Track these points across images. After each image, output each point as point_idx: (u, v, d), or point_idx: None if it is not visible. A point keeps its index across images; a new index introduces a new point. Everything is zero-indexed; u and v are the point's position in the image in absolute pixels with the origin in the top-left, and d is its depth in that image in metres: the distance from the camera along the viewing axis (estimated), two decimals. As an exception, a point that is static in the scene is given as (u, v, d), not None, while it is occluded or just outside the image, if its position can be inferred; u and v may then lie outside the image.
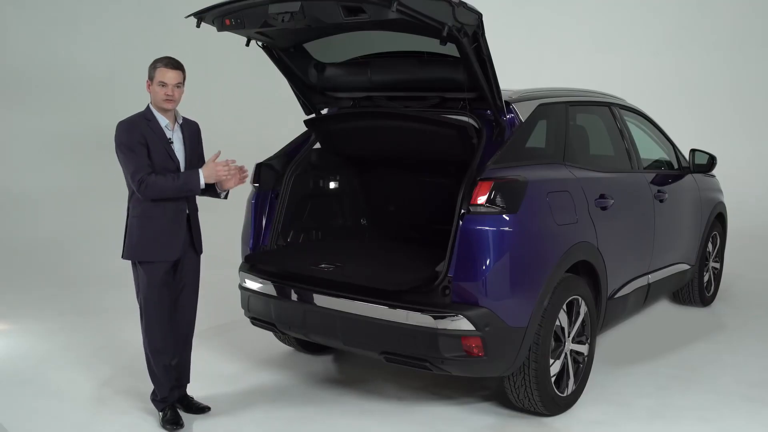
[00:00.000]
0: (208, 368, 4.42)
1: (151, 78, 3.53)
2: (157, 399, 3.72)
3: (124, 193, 3.64)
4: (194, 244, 3.71)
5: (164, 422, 3.67)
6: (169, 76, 3.49)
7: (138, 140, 3.46)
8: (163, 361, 3.66)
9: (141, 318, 3.67)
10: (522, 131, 3.85)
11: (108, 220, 7.77)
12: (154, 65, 3.53)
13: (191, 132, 3.70)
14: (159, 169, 3.49)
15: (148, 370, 3.71)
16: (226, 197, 3.71)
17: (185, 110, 3.70)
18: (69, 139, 8.31)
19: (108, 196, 7.94)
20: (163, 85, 3.48)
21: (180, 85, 3.53)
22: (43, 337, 5.16)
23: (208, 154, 3.67)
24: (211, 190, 3.65)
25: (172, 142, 3.57)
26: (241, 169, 3.62)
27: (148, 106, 3.59)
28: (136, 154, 3.45)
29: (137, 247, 3.58)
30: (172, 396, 3.73)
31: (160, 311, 3.63)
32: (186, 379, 3.87)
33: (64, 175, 8.10)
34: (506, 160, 3.65)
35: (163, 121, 3.56)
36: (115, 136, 3.49)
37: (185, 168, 3.60)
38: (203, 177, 3.48)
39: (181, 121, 3.66)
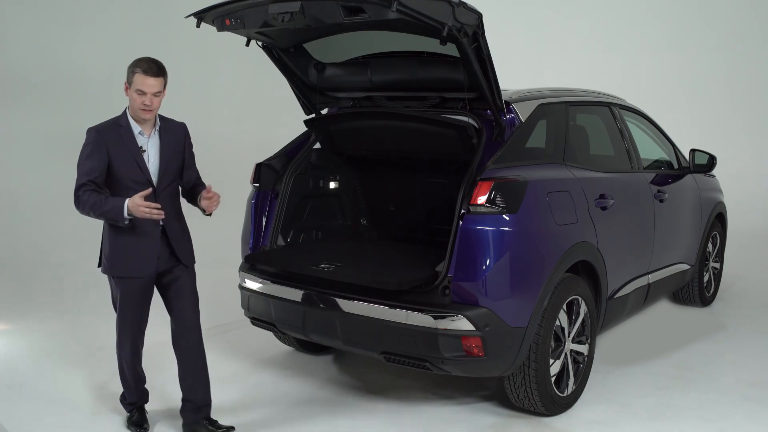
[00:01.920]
0: (208, 368, 4.41)
1: (129, 82, 3.28)
2: (125, 401, 3.71)
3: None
4: (178, 257, 3.48)
5: (129, 423, 3.66)
6: (149, 83, 3.23)
7: (98, 150, 3.25)
8: (134, 369, 3.60)
9: (116, 325, 3.55)
10: (522, 131, 3.85)
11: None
12: (133, 69, 3.26)
13: (173, 137, 3.46)
14: (126, 181, 3.28)
15: (119, 372, 3.65)
16: (209, 215, 3.55)
17: (186, 110, 3.68)
18: (69, 139, 8.27)
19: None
20: (141, 94, 3.24)
21: (159, 93, 3.28)
22: (43, 337, 5.16)
23: (206, 156, 3.63)
24: (197, 203, 3.52)
25: (144, 151, 3.34)
26: (211, 199, 3.39)
27: (125, 110, 3.38)
28: (87, 163, 3.24)
29: (108, 259, 3.41)
30: (141, 399, 3.70)
31: (132, 328, 3.50)
32: (203, 401, 3.59)
33: (64, 175, 8.06)
34: (506, 160, 3.65)
35: (136, 128, 3.34)
36: (87, 133, 3.33)
37: (158, 179, 3.36)
38: (127, 209, 3.13)
39: (159, 126, 3.42)
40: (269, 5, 3.38)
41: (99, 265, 3.49)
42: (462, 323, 3.37)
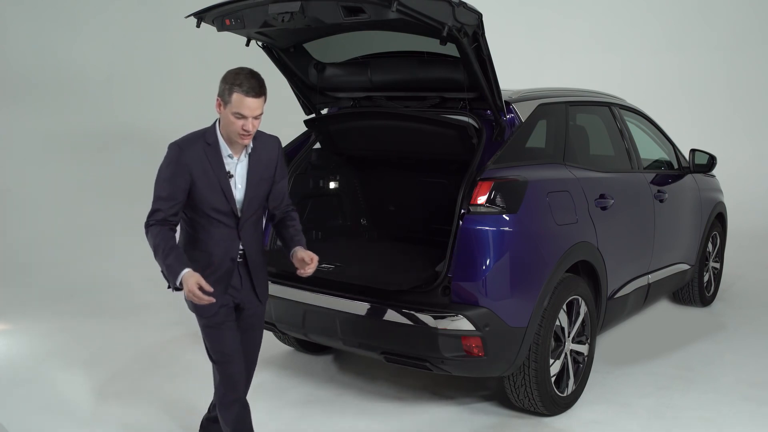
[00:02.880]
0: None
1: (224, 100, 2.78)
2: None
3: (124, 192, 3.59)
4: (255, 291, 3.04)
5: None
6: (251, 106, 2.75)
7: (179, 171, 2.79)
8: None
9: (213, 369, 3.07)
10: (522, 131, 3.85)
11: (108, 221, 7.78)
12: (231, 87, 2.75)
13: (265, 157, 2.98)
14: (206, 209, 2.85)
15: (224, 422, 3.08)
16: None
17: (186, 110, 3.66)
18: (69, 139, 8.31)
19: (108, 196, 7.95)
20: (240, 117, 2.76)
21: (260, 115, 2.80)
22: (43, 337, 5.16)
23: None
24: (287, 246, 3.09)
25: (231, 176, 2.88)
26: (308, 267, 2.94)
27: (215, 125, 2.91)
28: (165, 187, 2.80)
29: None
30: None
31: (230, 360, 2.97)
32: None
33: (64, 175, 8.10)
34: (506, 160, 3.65)
35: (225, 149, 2.87)
36: (168, 150, 2.86)
37: (243, 208, 2.91)
38: (181, 280, 2.68)
39: (250, 150, 2.93)
40: (269, 5, 3.38)
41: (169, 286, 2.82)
42: (462, 323, 3.37)
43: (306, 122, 4.46)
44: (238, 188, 2.92)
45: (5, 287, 6.38)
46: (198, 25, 3.72)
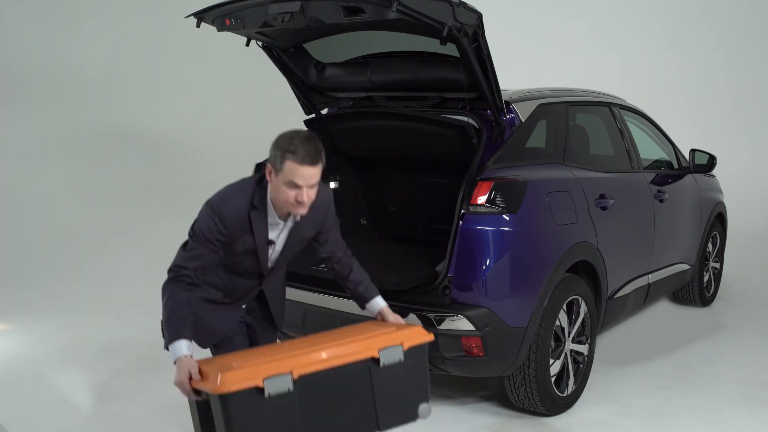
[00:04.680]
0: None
1: (275, 168, 2.52)
2: None
3: (123, 192, 3.58)
4: (271, 319, 2.94)
5: None
6: (306, 175, 2.49)
7: (219, 238, 2.60)
8: None
9: None
10: (522, 131, 3.85)
11: (108, 220, 7.78)
12: (284, 154, 2.48)
13: (313, 219, 2.77)
14: (237, 267, 2.73)
15: None
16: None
17: (186, 110, 3.65)
18: (68, 138, 8.31)
19: (108, 196, 7.94)
20: (294, 187, 2.51)
21: (316, 184, 2.56)
22: (43, 337, 5.16)
23: (206, 156, 3.51)
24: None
25: (273, 243, 2.71)
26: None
27: (265, 187, 2.64)
28: (203, 244, 2.61)
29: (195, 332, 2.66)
30: None
31: None
32: None
33: (64, 175, 8.10)
34: (506, 160, 3.65)
35: (273, 216, 2.66)
36: (206, 207, 2.63)
37: (271, 268, 2.78)
38: (175, 356, 2.46)
39: (299, 217, 2.69)
40: (269, 5, 3.38)
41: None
42: (462, 323, 3.37)
43: (306, 122, 4.46)
44: (276, 250, 2.75)
45: (5, 287, 6.38)
46: (198, 25, 3.72)
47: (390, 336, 2.64)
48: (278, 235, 2.72)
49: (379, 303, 2.93)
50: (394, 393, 2.62)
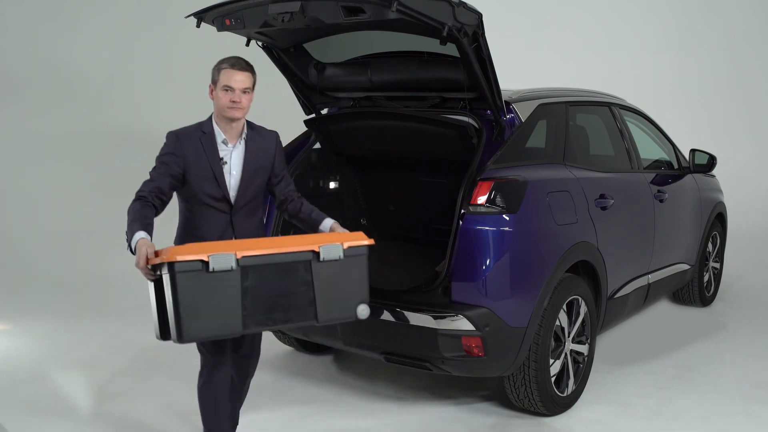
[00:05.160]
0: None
1: (214, 81, 3.04)
2: None
3: (123, 192, 3.59)
4: None
5: None
6: (237, 78, 2.99)
7: (173, 159, 2.97)
8: (221, 397, 3.15)
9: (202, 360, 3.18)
10: (522, 131, 3.85)
11: (108, 220, 7.77)
12: (218, 66, 3.04)
13: (261, 147, 3.13)
14: (201, 195, 3.01)
15: (205, 411, 3.17)
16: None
17: (186, 110, 3.66)
18: (69, 139, 8.30)
19: (108, 196, 7.93)
20: (227, 90, 2.98)
21: (249, 90, 3.02)
22: (43, 337, 5.16)
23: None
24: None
25: (225, 163, 3.04)
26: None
27: (210, 116, 3.12)
28: (157, 168, 2.98)
29: None
30: None
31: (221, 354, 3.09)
32: (235, 424, 3.33)
33: (64, 175, 8.09)
34: (506, 160, 3.65)
35: (220, 135, 3.05)
36: (163, 146, 3.06)
37: (236, 196, 3.05)
38: (134, 243, 2.73)
39: (246, 135, 3.10)
40: (269, 5, 3.38)
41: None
42: (462, 323, 3.37)
43: (306, 122, 4.46)
44: (233, 174, 3.05)
45: (5, 287, 6.38)
46: (198, 25, 3.72)
47: (333, 236, 2.96)
48: (230, 155, 3.04)
49: (329, 222, 3.23)
50: (333, 289, 2.85)
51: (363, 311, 2.94)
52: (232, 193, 3.05)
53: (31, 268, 6.93)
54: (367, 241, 2.94)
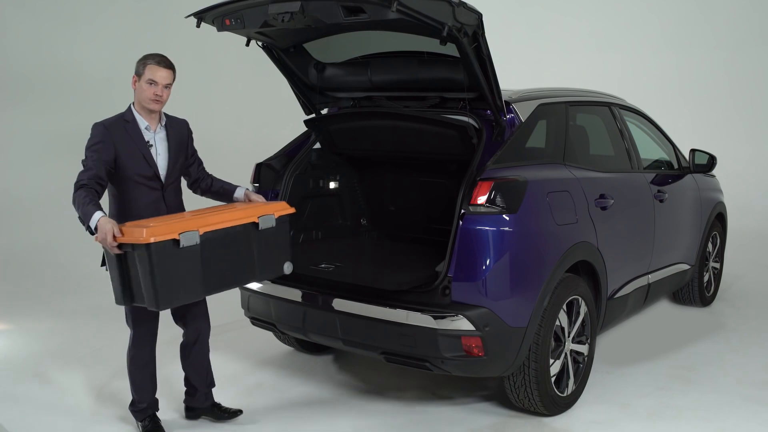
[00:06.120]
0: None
1: (138, 74, 3.36)
2: (136, 408, 3.63)
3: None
4: None
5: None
6: (160, 75, 3.33)
7: (104, 146, 3.26)
8: (148, 370, 3.61)
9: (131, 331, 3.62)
10: (522, 131, 3.85)
11: (108, 220, 7.77)
12: (144, 61, 3.36)
13: (177, 132, 3.53)
14: (134, 176, 3.32)
15: (129, 375, 3.62)
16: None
17: (186, 110, 3.68)
18: (69, 139, 8.28)
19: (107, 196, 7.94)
20: (152, 84, 3.32)
21: (169, 86, 3.38)
22: (43, 337, 5.16)
23: (206, 156, 3.61)
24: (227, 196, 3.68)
25: (151, 146, 3.39)
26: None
27: (129, 106, 3.43)
28: (93, 156, 3.24)
29: None
30: (152, 406, 3.65)
31: (148, 333, 3.63)
32: (210, 384, 3.80)
33: (64, 175, 8.07)
34: (506, 160, 3.65)
35: (142, 122, 3.40)
36: (90, 136, 3.32)
37: (166, 174, 3.42)
38: (95, 222, 3.03)
39: (164, 122, 3.48)
40: (269, 5, 3.38)
41: (102, 264, 3.27)
42: (462, 323, 3.37)
43: (306, 122, 4.46)
44: (160, 155, 3.42)
45: (5, 287, 6.38)
46: (198, 25, 3.72)
47: (265, 207, 3.51)
48: (154, 139, 3.41)
49: (241, 190, 3.70)
50: (267, 251, 3.45)
51: (288, 267, 3.56)
52: (162, 172, 3.42)
53: (31, 268, 6.93)
54: (291, 210, 3.59)
